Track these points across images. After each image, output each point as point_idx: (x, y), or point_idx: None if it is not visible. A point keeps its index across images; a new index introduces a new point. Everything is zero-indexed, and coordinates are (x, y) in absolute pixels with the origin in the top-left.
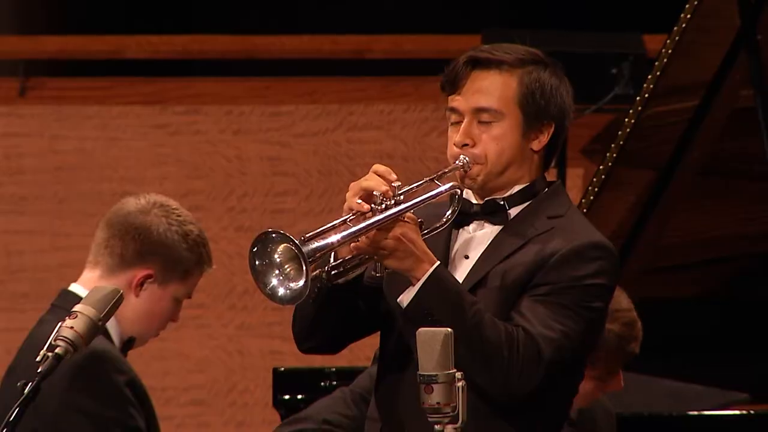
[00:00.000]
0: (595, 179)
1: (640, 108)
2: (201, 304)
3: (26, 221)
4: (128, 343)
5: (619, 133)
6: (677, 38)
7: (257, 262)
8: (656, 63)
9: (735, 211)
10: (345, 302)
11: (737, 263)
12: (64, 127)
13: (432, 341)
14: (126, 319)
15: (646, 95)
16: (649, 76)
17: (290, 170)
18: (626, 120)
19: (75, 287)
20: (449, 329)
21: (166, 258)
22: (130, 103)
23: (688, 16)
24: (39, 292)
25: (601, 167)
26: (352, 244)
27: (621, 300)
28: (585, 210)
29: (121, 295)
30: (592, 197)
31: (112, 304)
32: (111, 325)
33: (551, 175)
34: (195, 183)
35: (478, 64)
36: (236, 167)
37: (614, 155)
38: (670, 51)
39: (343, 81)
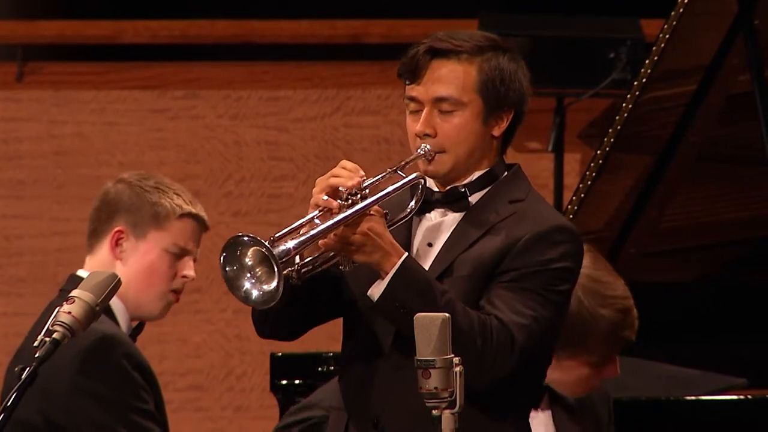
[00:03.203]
0: (592, 164)
1: (637, 93)
2: (198, 288)
3: (24, 206)
4: (138, 329)
5: (617, 117)
6: (675, 23)
7: (228, 269)
8: (654, 48)
9: (732, 196)
10: (311, 296)
11: (735, 248)
12: (62, 111)
13: (429, 326)
14: (125, 293)
15: (644, 80)
16: (647, 61)
17: (288, 155)
18: (624, 105)
19: (83, 272)
20: (446, 314)
21: (127, 210)
22: (128, 87)
23: (686, 0)
24: (37, 276)
25: (598, 152)
26: (320, 242)
27: (617, 287)
28: (582, 195)
29: (119, 280)
30: (589, 182)
31: (110, 289)
32: (118, 310)
33: (548, 160)
34: (193, 168)
35: (437, 53)
36: (234, 152)
37: (612, 140)
38: (667, 36)
39: (341, 66)
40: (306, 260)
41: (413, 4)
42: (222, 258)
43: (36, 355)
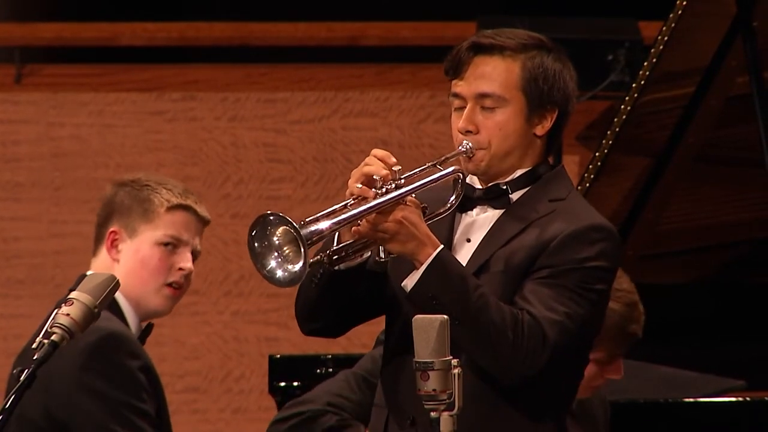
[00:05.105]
0: (591, 166)
1: (636, 95)
2: (196, 290)
3: (22, 208)
4: (146, 331)
5: (615, 119)
6: (673, 25)
7: (256, 245)
8: (652, 49)
9: (731, 198)
10: (348, 287)
11: (734, 249)
12: (60, 113)
13: (428, 328)
14: (127, 293)
15: (642, 82)
16: (645, 63)
17: (286, 157)
18: (622, 107)
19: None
20: (445, 316)
21: (119, 210)
22: (125, 89)
23: (684, 2)
24: (35, 278)
25: (597, 154)
26: (352, 228)
27: (622, 281)
28: None
29: (117, 281)
30: (588, 184)
31: (108, 290)
32: (127, 312)
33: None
34: (191, 170)
35: (481, 49)
36: (232, 154)
37: (610, 142)
38: (665, 37)
39: (339, 68)
40: (339, 246)
41: (411, 6)
42: (252, 234)
43: (34, 357)
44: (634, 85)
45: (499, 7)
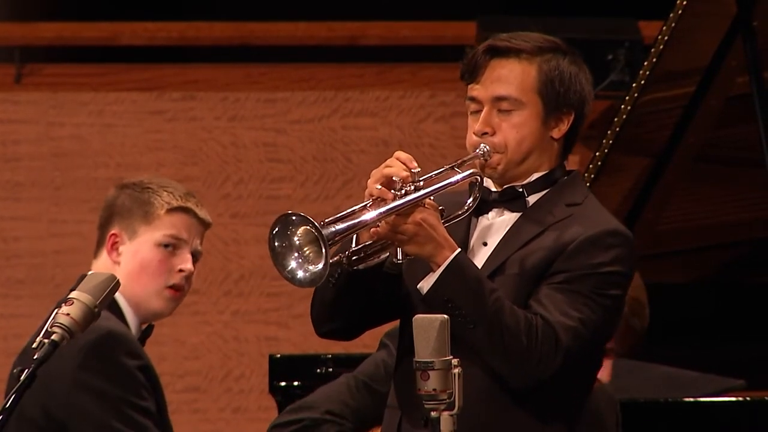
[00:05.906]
0: (591, 165)
1: (636, 94)
2: (196, 290)
3: (22, 207)
4: (147, 332)
5: (615, 119)
6: (673, 24)
7: (277, 244)
8: (652, 49)
9: (731, 198)
10: (364, 289)
11: (734, 249)
12: (60, 113)
13: (428, 328)
14: (127, 295)
15: (642, 81)
16: (645, 63)
17: (286, 157)
18: (622, 106)
19: None
20: (445, 315)
21: (120, 212)
22: (126, 89)
23: (684, 2)
24: (35, 278)
25: (597, 153)
26: (372, 230)
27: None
28: None
29: (117, 281)
30: (588, 184)
31: (109, 290)
32: (127, 313)
33: None
34: (190, 169)
35: (497, 52)
36: (232, 154)
37: (610, 141)
38: (666, 37)
39: (339, 67)
40: (358, 247)
41: (411, 5)
42: (273, 233)
43: (35, 357)
44: (634, 84)
45: (499, 7)
